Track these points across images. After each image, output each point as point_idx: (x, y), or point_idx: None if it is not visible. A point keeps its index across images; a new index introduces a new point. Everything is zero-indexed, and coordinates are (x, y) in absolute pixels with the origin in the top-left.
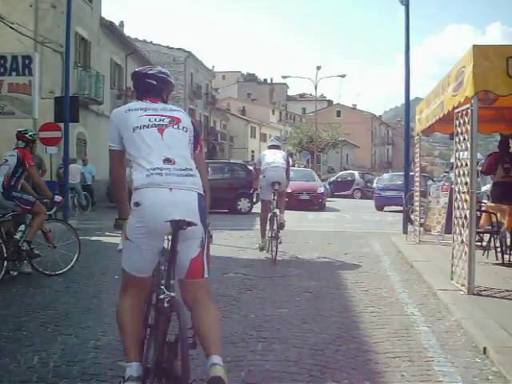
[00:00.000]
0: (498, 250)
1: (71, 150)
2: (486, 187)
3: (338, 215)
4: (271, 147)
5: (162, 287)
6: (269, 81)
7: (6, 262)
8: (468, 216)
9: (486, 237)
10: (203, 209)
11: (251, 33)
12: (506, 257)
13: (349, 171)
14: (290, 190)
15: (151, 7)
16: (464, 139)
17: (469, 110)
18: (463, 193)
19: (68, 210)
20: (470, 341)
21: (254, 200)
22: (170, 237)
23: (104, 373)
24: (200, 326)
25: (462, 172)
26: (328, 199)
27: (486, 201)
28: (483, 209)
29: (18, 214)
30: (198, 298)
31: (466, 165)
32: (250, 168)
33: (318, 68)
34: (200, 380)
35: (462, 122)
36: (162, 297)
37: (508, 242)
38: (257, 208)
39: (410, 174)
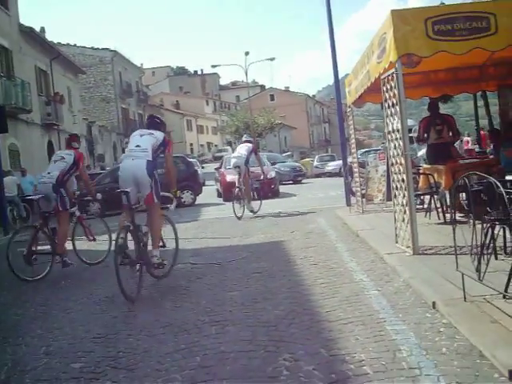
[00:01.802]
0: (439, 210)
1: (4, 163)
2: (422, 152)
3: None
4: (244, 142)
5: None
6: (199, 72)
7: (52, 257)
8: (405, 178)
9: (427, 199)
10: (149, 167)
11: (175, 26)
12: (448, 215)
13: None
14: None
15: (74, 11)
16: (393, 104)
17: (394, 75)
18: (398, 157)
19: (8, 224)
20: (419, 298)
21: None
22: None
23: (57, 377)
24: (149, 227)
25: (394, 137)
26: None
27: (423, 165)
28: (420, 171)
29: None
30: (150, 213)
31: (398, 130)
32: (190, 160)
33: (247, 54)
34: None
35: (388, 87)
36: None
37: (447, 201)
38: (200, 199)
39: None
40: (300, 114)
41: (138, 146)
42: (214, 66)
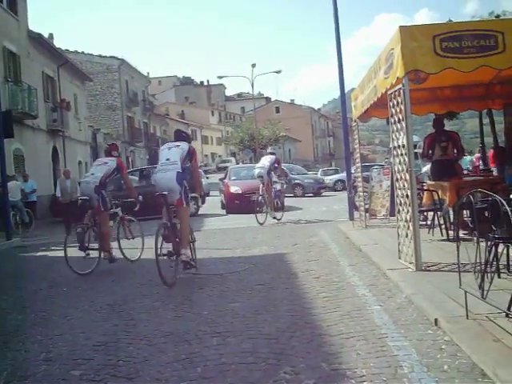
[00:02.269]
0: (443, 226)
1: (9, 167)
2: (427, 168)
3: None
4: (268, 153)
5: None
6: (205, 83)
7: (99, 253)
8: (409, 194)
9: (431, 215)
10: (179, 177)
11: (183, 36)
12: (451, 232)
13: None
14: (240, 191)
15: (82, 19)
16: (399, 120)
17: (401, 91)
18: (403, 172)
19: (10, 229)
20: (421, 314)
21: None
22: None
23: None
24: (179, 229)
25: (400, 152)
26: None
27: (427, 181)
28: (425, 188)
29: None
30: (179, 215)
31: (404, 146)
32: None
33: (253, 66)
34: None
35: (395, 103)
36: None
37: (451, 218)
38: (203, 210)
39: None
40: (305, 127)
41: (167, 159)
42: (220, 77)
